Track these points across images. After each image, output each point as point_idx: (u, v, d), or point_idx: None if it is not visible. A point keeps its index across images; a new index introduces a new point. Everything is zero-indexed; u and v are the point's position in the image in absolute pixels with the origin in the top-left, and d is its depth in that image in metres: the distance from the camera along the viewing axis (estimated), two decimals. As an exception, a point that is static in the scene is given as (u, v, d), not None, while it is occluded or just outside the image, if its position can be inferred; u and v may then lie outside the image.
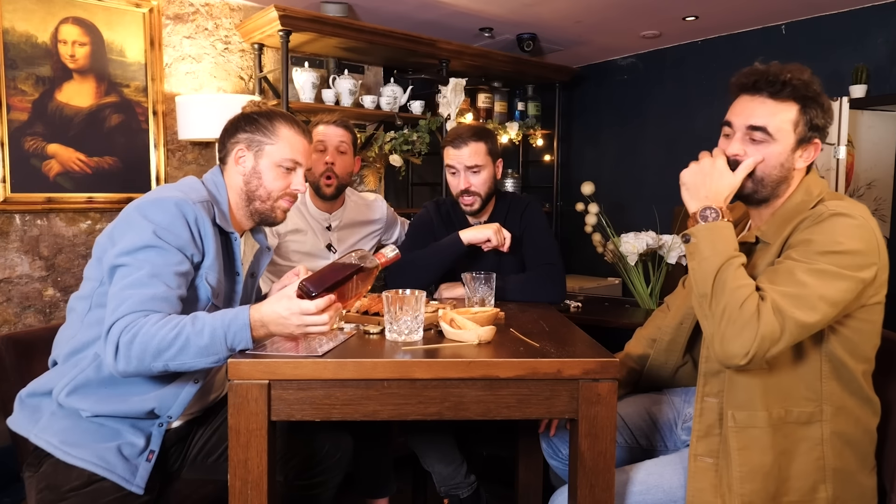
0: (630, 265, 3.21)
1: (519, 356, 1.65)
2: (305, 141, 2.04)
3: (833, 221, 1.61)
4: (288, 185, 2.02)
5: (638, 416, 2.15)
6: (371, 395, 1.62)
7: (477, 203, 2.72)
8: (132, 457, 1.84)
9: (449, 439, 2.64)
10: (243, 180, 2.00)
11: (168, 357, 1.65)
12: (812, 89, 1.70)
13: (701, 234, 1.67)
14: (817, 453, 1.68)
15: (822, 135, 1.74)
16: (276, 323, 1.67)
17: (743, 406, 1.69)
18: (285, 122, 2.01)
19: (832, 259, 1.57)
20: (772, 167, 1.72)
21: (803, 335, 1.59)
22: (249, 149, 1.99)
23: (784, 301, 1.55)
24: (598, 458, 1.65)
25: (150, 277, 1.71)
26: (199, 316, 1.69)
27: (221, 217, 1.95)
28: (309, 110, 4.14)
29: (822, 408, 1.68)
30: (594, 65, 5.63)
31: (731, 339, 1.56)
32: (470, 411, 1.64)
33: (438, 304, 2.23)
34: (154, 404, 1.86)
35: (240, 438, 1.60)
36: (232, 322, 1.66)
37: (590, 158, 5.68)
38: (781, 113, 1.70)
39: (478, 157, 2.67)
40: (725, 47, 4.76)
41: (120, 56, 3.63)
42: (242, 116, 2.04)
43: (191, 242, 1.81)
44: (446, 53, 4.45)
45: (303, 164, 2.04)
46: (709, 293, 1.62)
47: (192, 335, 1.65)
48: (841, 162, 3.56)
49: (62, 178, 3.47)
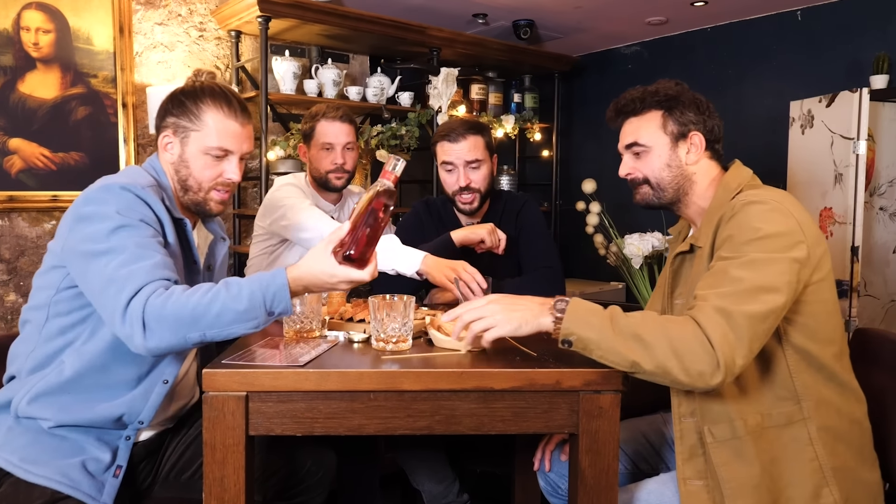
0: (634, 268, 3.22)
1: (515, 366, 1.66)
2: (237, 124, 1.97)
3: (747, 211, 1.70)
4: (219, 175, 1.97)
5: (634, 441, 2.17)
6: (356, 408, 1.62)
7: (476, 200, 2.72)
8: (98, 473, 1.83)
9: (440, 455, 2.64)
10: (173, 169, 1.98)
11: (206, 324, 1.64)
12: (670, 93, 1.92)
13: (572, 326, 1.63)
14: (809, 454, 1.69)
15: (702, 126, 1.91)
16: (317, 283, 1.74)
17: (718, 419, 1.71)
18: (213, 104, 1.95)
19: (757, 246, 1.65)
20: (659, 169, 1.93)
21: (761, 330, 1.60)
22: (176, 135, 1.96)
23: (725, 301, 1.59)
24: (599, 476, 1.65)
25: (141, 249, 1.71)
26: (231, 281, 1.70)
27: (171, 203, 1.94)
28: (290, 102, 4.14)
29: (800, 405, 1.70)
30: (596, 53, 5.64)
31: (692, 364, 1.57)
32: (462, 425, 1.65)
33: (428, 311, 2.23)
34: (123, 410, 1.85)
35: (215, 454, 1.59)
36: (270, 283, 1.68)
37: (591, 154, 5.69)
38: (646, 123, 1.94)
39: (477, 150, 2.68)
40: (736, 34, 4.77)
41: (87, 44, 3.62)
42: (171, 97, 1.99)
43: (156, 221, 1.82)
44: (437, 41, 4.46)
45: (235, 151, 1.98)
46: (640, 359, 1.60)
47: (229, 300, 1.65)
48: (861, 157, 3.58)
49: (25, 176, 3.46)
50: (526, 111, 5.33)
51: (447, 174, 2.74)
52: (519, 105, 5.34)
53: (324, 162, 2.91)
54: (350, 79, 4.63)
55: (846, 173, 3.64)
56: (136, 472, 2.00)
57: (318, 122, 2.91)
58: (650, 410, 2.24)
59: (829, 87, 3.92)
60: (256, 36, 4.10)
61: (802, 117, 3.93)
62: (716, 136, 1.93)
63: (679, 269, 1.96)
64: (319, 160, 2.93)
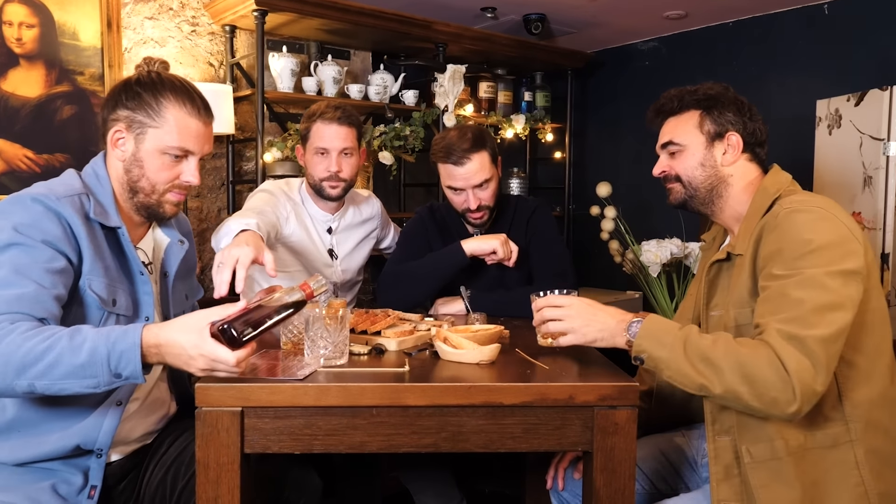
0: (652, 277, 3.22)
1: (525, 380, 1.66)
2: (200, 123, 1.91)
3: (793, 220, 1.71)
4: (177, 177, 1.91)
5: (653, 459, 2.16)
6: (358, 425, 1.63)
7: (486, 216, 2.72)
8: (70, 495, 1.80)
9: (446, 475, 2.65)
10: (123, 168, 1.90)
11: (35, 374, 1.55)
12: (710, 93, 1.97)
13: (645, 344, 1.70)
14: (854, 479, 1.69)
15: (741, 127, 1.94)
16: (175, 355, 1.58)
17: (757, 438, 1.71)
18: (175, 100, 1.88)
19: (810, 260, 1.65)
20: (692, 168, 1.97)
21: (834, 351, 1.61)
22: (129, 130, 1.88)
23: (791, 326, 1.60)
24: (615, 497, 1.65)
25: (15, 275, 1.65)
26: (81, 329, 1.61)
27: (100, 210, 1.85)
28: (287, 101, 4.15)
29: (848, 426, 1.70)
30: (611, 49, 5.64)
31: (765, 391, 1.59)
32: (470, 443, 1.65)
33: (434, 322, 2.23)
34: (77, 440, 1.80)
35: (209, 473, 1.60)
36: (119, 340, 1.57)
37: (606, 156, 5.69)
38: (683, 123, 1.99)
39: (484, 170, 2.65)
40: (759, 29, 4.77)
41: (73, 40, 3.64)
42: (124, 86, 1.90)
43: (63, 239, 1.74)
44: (443, 36, 4.47)
45: (195, 152, 1.92)
46: (709, 382, 1.63)
47: (67, 350, 1.56)
48: (892, 160, 3.57)
49: (7, 178, 3.48)
50: (537, 110, 5.33)
51: (454, 194, 2.72)
52: (530, 104, 5.34)
53: (317, 168, 2.81)
54: (351, 76, 4.64)
55: (876, 176, 3.63)
56: (113, 493, 1.96)
57: (314, 122, 2.80)
58: (669, 427, 2.24)
59: (858, 84, 3.91)
60: (252, 31, 4.11)
61: (829, 117, 3.93)
62: (757, 138, 1.95)
63: (715, 279, 1.95)
64: (314, 165, 2.82)
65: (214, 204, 4.13)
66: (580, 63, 5.35)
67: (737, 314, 1.80)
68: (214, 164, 4.12)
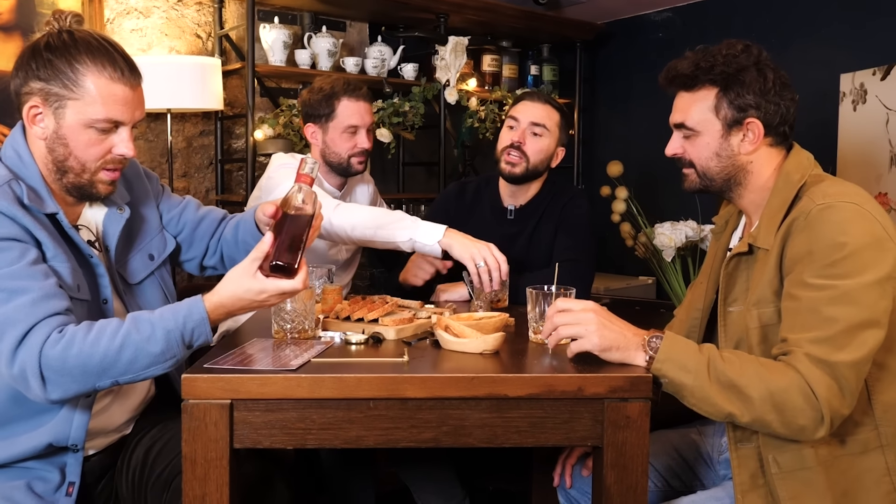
0: (666, 261, 3.21)
1: (531, 371, 1.66)
2: (126, 88, 1.77)
3: (825, 219, 1.67)
4: (108, 151, 1.79)
5: (665, 455, 2.15)
6: (354, 418, 1.62)
7: (521, 166, 2.80)
8: (47, 494, 1.79)
9: (448, 471, 2.65)
10: (46, 147, 1.77)
11: (118, 372, 1.64)
12: (734, 64, 1.84)
13: (665, 368, 1.68)
14: (886, 486, 1.69)
15: (761, 111, 1.84)
16: (242, 306, 1.73)
17: (784, 446, 1.70)
18: (93, 64, 1.73)
19: (845, 267, 1.62)
20: (707, 158, 1.90)
21: (864, 371, 1.63)
22: (46, 104, 1.74)
23: (822, 350, 1.59)
24: (626, 494, 1.65)
25: (11, 281, 1.63)
26: (140, 318, 1.67)
27: (33, 196, 1.75)
28: (279, 75, 4.13)
29: (878, 431, 1.70)
30: (622, 20, 5.61)
31: (794, 419, 1.59)
32: (473, 437, 1.65)
33: (434, 309, 2.22)
34: (48, 438, 1.78)
35: (196, 469, 1.59)
36: (187, 319, 1.68)
37: (617, 133, 5.67)
38: (697, 103, 1.89)
39: (547, 120, 2.81)
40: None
41: (52, 9, 3.61)
42: (32, 52, 1.75)
43: (20, 231, 1.69)
44: (445, 6, 4.45)
45: (126, 122, 1.79)
46: (738, 411, 1.63)
47: (143, 343, 1.63)
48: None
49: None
50: (544, 85, 5.31)
51: (506, 130, 2.86)
52: (536, 78, 5.32)
53: (345, 145, 2.91)
54: (347, 49, 4.62)
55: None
56: (93, 490, 1.95)
57: (340, 101, 2.89)
58: (683, 421, 2.23)
59: (884, 57, 3.89)
60: (242, 1, 4.09)
61: (854, 92, 3.91)
62: (783, 118, 1.86)
63: (734, 273, 1.90)
64: (341, 143, 2.92)
65: (202, 184, 4.12)
66: (589, 35, 5.33)
67: (760, 313, 1.77)
68: (202, 143, 4.11)
